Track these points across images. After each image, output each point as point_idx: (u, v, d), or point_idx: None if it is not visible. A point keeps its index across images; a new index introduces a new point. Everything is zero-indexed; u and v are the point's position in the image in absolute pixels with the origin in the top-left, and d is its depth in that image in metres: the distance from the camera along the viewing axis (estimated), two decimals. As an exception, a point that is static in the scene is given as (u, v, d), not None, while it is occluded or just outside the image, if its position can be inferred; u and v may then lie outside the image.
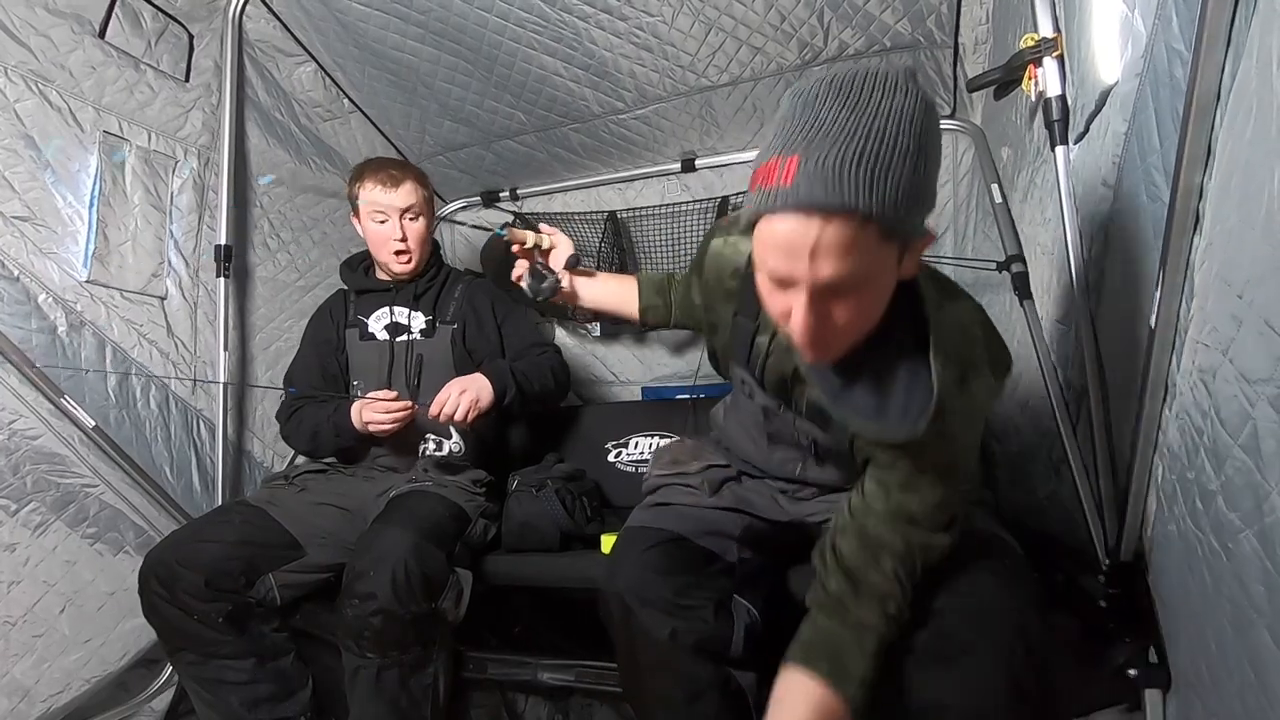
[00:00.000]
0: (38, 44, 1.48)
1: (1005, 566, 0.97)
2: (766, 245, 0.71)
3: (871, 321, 0.76)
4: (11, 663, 1.42)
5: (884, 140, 0.65)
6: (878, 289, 0.73)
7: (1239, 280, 0.64)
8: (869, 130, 0.65)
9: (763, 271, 0.74)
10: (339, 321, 1.82)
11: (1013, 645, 0.87)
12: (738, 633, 1.03)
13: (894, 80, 0.67)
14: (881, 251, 0.69)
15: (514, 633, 1.68)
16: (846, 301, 0.72)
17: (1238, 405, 0.65)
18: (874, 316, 0.76)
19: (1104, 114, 0.97)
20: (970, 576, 0.94)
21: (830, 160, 0.64)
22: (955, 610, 0.91)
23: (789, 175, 0.66)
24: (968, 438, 0.87)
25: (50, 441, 1.49)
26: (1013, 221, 1.58)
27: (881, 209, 0.65)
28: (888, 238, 0.68)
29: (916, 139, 0.66)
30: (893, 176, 0.65)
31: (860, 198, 0.64)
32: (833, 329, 0.73)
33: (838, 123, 0.65)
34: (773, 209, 0.67)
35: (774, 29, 1.73)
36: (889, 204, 0.65)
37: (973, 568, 0.94)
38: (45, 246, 1.51)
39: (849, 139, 0.64)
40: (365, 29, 1.85)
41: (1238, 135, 0.63)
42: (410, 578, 1.31)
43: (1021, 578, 0.96)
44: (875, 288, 0.73)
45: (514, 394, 1.62)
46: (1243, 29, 0.63)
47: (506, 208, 2.50)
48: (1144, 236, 0.88)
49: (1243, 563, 0.68)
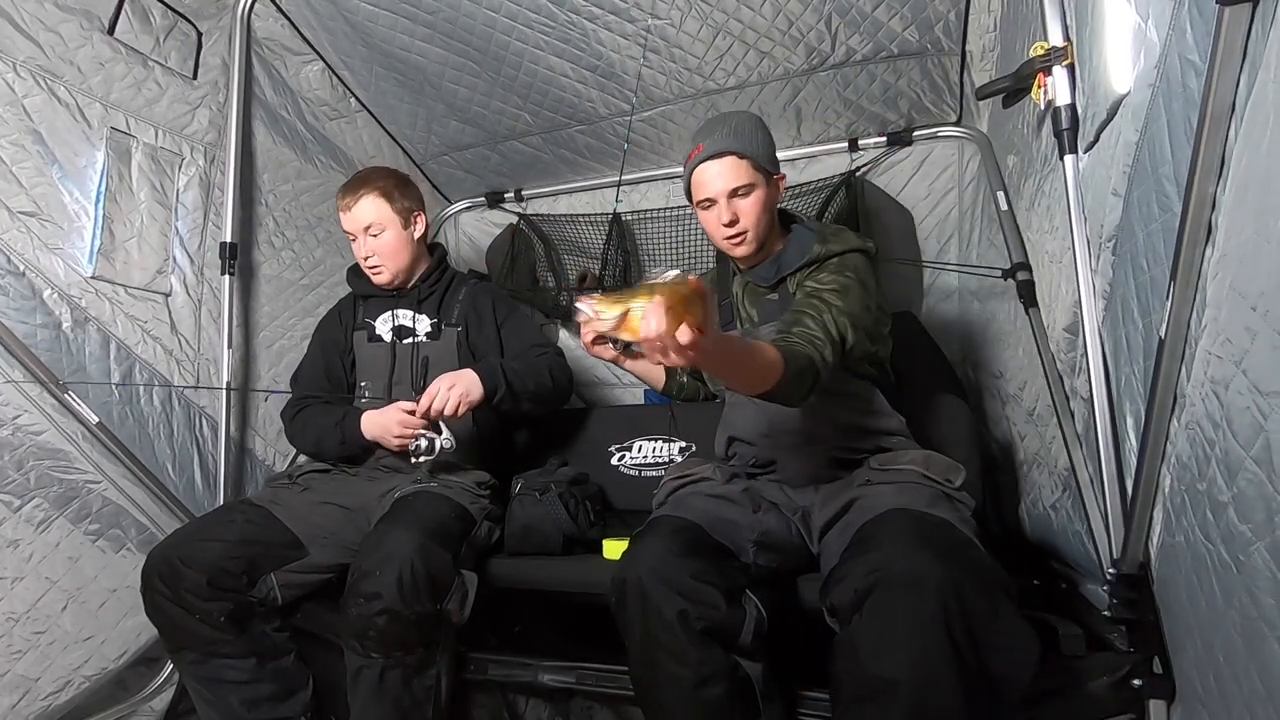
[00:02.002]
0: (46, 39, 1.48)
1: (952, 543, 1.01)
2: (696, 186, 1.34)
3: (764, 222, 1.33)
4: (15, 659, 1.42)
5: (741, 123, 1.33)
6: (760, 198, 1.32)
7: (1253, 292, 0.64)
8: (734, 121, 1.33)
9: (700, 208, 1.36)
10: (347, 324, 1.83)
11: (943, 603, 0.88)
12: (747, 624, 1.05)
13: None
14: (755, 174, 1.31)
15: (515, 634, 1.68)
16: (746, 201, 1.31)
17: (1250, 417, 0.65)
18: (765, 218, 1.33)
19: (1115, 123, 0.97)
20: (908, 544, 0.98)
21: (719, 134, 1.32)
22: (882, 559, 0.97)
23: (700, 149, 1.32)
24: (850, 289, 1.26)
25: (53, 437, 1.49)
26: (1018, 229, 1.58)
27: (745, 150, 1.30)
28: (754, 167, 1.30)
29: (757, 121, 1.35)
30: (748, 137, 1.31)
31: (735, 144, 1.30)
32: (744, 224, 1.32)
33: (718, 121, 1.35)
34: (695, 165, 1.33)
35: (781, 34, 1.73)
36: (749, 148, 1.30)
37: (918, 542, 0.98)
38: (51, 242, 1.51)
39: (725, 124, 1.33)
40: (373, 28, 1.85)
41: (1254, 147, 0.63)
42: (416, 578, 1.31)
43: (968, 557, 0.98)
44: (758, 196, 1.31)
45: (504, 392, 1.61)
46: (1259, 41, 0.63)
47: (511, 209, 2.50)
48: (1154, 246, 0.87)
49: (1254, 575, 0.68)
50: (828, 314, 1.20)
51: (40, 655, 1.45)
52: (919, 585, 0.89)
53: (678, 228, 2.25)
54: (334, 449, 1.69)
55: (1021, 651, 0.92)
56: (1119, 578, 1.05)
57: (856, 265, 1.30)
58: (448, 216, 2.59)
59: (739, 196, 1.30)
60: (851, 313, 1.22)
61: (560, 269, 2.39)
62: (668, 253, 2.27)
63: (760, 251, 1.37)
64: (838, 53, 1.76)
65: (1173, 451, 0.88)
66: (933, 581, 0.89)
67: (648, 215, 2.30)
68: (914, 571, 0.91)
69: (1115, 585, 1.06)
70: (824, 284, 1.26)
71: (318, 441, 1.70)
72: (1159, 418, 0.88)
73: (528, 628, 1.70)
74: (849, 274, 1.27)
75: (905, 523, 1.03)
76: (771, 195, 1.34)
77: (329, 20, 1.89)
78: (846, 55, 1.77)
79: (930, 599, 0.88)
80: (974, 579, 0.92)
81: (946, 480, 1.19)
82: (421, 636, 1.33)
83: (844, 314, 1.21)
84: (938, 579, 0.89)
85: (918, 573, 0.90)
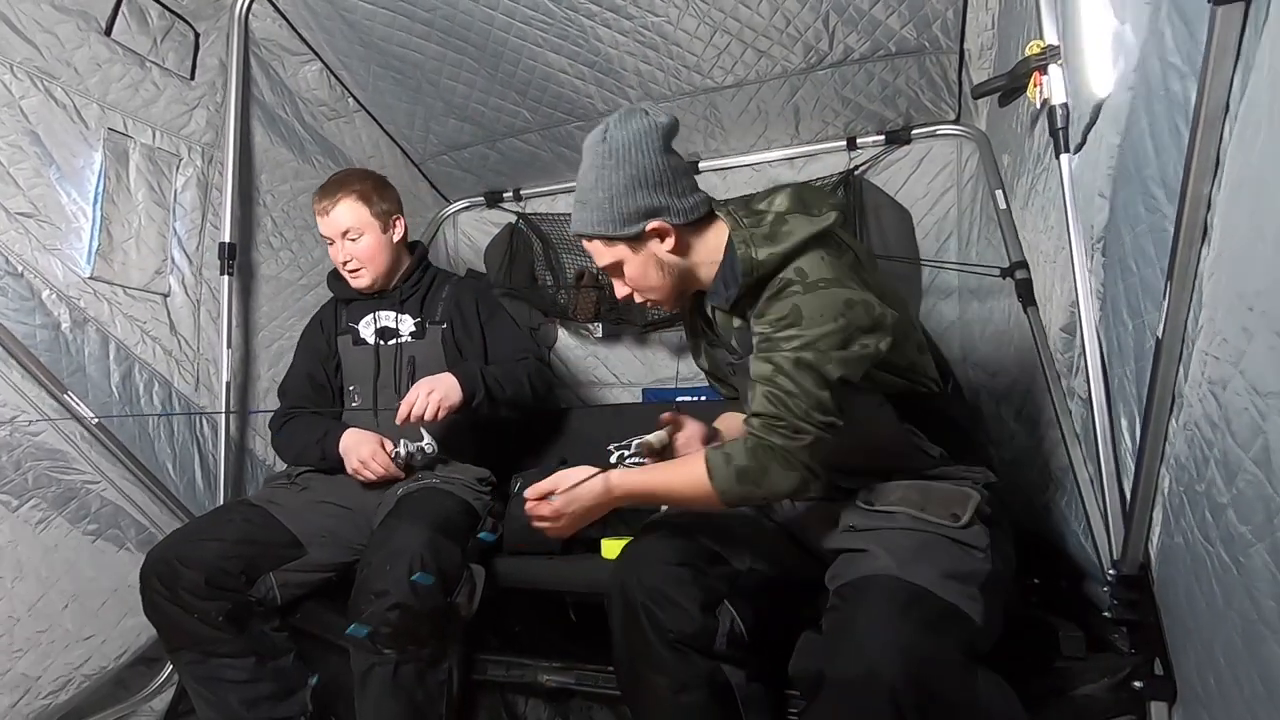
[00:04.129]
0: (43, 40, 1.47)
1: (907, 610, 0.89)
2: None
3: (651, 281, 1.13)
4: (15, 659, 1.42)
5: (585, 182, 1.11)
6: (633, 264, 1.12)
7: (1250, 292, 0.63)
8: (581, 183, 1.12)
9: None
10: (330, 330, 1.82)
11: (895, 705, 0.81)
12: (720, 636, 1.04)
13: (599, 131, 1.09)
14: (613, 248, 1.11)
15: (515, 634, 1.68)
16: (621, 274, 1.14)
17: (1249, 418, 0.65)
18: (647, 280, 1.13)
19: (1098, 126, 0.97)
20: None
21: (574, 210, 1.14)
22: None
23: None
24: (811, 328, 0.98)
25: (52, 437, 1.49)
26: (1016, 228, 1.57)
27: (592, 230, 1.10)
28: (609, 243, 1.11)
29: (597, 170, 1.08)
30: (590, 207, 1.09)
31: (578, 226, 1.13)
32: (632, 288, 1.15)
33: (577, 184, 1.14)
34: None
35: (779, 32, 1.72)
36: (594, 225, 1.10)
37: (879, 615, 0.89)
38: (49, 243, 1.51)
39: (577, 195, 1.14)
40: (371, 27, 1.85)
41: (1248, 148, 0.63)
42: (426, 571, 1.31)
43: (940, 639, 0.86)
44: (631, 264, 1.12)
45: (482, 397, 1.61)
46: (1253, 40, 0.62)
47: (510, 208, 2.49)
48: (1143, 248, 0.87)
49: (1254, 576, 0.68)
50: (781, 375, 0.97)
51: (40, 654, 1.46)
52: (869, 687, 0.81)
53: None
54: (313, 463, 1.69)
55: (1007, 710, 0.88)
56: (1119, 578, 1.05)
57: (807, 270, 1.00)
58: (446, 216, 2.59)
59: (615, 272, 1.15)
60: (817, 341, 0.97)
61: (559, 268, 2.39)
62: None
63: (679, 291, 1.16)
64: (836, 51, 1.76)
65: (1171, 452, 0.87)
66: (884, 683, 0.80)
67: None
68: (867, 672, 0.82)
69: (1116, 586, 1.06)
70: (774, 323, 1.00)
71: (298, 457, 1.71)
72: (1157, 418, 0.87)
73: (528, 628, 1.70)
74: (795, 290, 1.00)
75: (874, 598, 0.90)
76: (663, 250, 1.10)
77: (326, 20, 1.88)
78: (845, 53, 1.76)
79: (881, 704, 0.80)
80: (941, 668, 0.83)
81: (952, 516, 1.00)
82: (433, 630, 1.33)
83: (807, 347, 0.97)
84: (890, 680, 0.80)
85: (872, 671, 0.82)
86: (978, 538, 0.99)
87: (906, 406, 1.08)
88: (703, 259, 1.12)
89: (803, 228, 1.02)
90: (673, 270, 1.12)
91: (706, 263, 1.12)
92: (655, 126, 1.06)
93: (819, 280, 0.98)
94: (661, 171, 1.06)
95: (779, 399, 0.98)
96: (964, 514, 1.00)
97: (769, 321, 1.01)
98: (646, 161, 1.05)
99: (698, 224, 1.11)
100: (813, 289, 0.98)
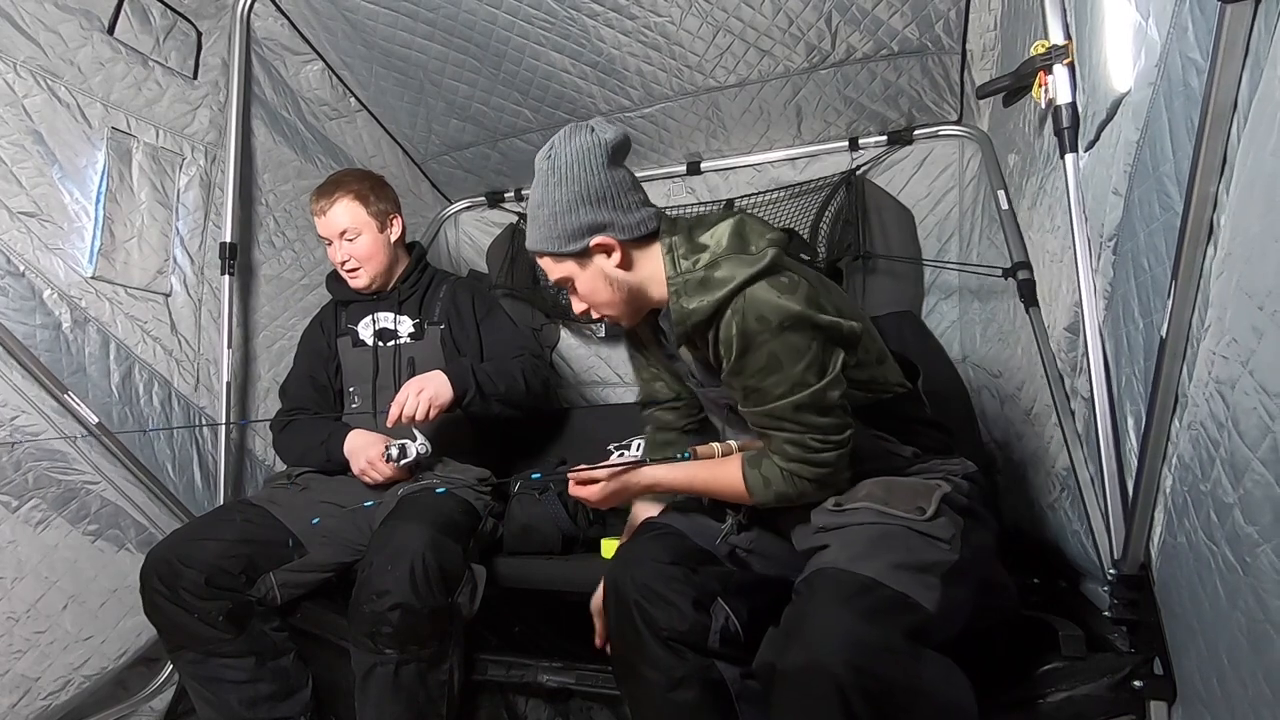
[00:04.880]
0: (46, 39, 1.47)
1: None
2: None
3: (602, 297, 1.13)
4: (15, 659, 1.42)
5: (532, 200, 1.10)
6: (582, 281, 1.12)
7: (1260, 291, 0.63)
8: (530, 201, 1.12)
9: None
10: (330, 332, 1.82)
11: (840, 696, 0.82)
12: (713, 632, 1.05)
13: (545, 148, 1.09)
14: (562, 264, 1.11)
15: (515, 634, 1.68)
16: (574, 288, 1.14)
17: (1257, 418, 0.65)
18: (597, 295, 1.13)
19: (1115, 122, 0.97)
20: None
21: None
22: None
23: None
24: (783, 368, 1.01)
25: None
26: (1019, 228, 1.57)
27: (539, 246, 1.11)
28: (557, 259, 1.11)
29: (543, 188, 1.08)
30: (537, 224, 1.10)
31: (528, 243, 1.14)
32: (586, 304, 1.15)
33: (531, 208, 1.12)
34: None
35: (781, 31, 1.72)
36: (540, 242, 1.10)
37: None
38: (51, 242, 1.51)
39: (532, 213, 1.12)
40: (373, 26, 1.85)
41: (1259, 145, 0.62)
42: (428, 571, 1.31)
43: (885, 628, 0.87)
44: (580, 281, 1.12)
45: (474, 394, 1.60)
46: (1263, 38, 0.62)
47: (511, 208, 2.49)
48: (1155, 246, 0.87)
49: (1260, 577, 0.67)
50: (786, 422, 1.02)
51: (40, 655, 1.45)
52: (815, 676, 0.84)
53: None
54: (319, 466, 1.69)
55: (953, 694, 0.88)
56: (1120, 578, 1.05)
57: (768, 315, 0.98)
58: (448, 216, 2.59)
59: (569, 287, 1.16)
60: (803, 377, 1.00)
61: (560, 268, 2.38)
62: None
63: (634, 308, 1.16)
64: (838, 51, 1.76)
65: (1174, 452, 0.87)
66: (828, 672, 0.83)
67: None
68: (811, 662, 0.85)
69: (1116, 586, 1.06)
70: (755, 374, 1.02)
71: (302, 458, 1.71)
72: (1160, 418, 0.87)
73: (528, 628, 1.70)
74: (764, 339, 0.99)
75: (821, 591, 0.93)
76: (613, 266, 1.10)
77: (329, 19, 1.88)
78: (847, 53, 1.76)
79: (827, 691, 0.83)
80: (882, 654, 0.84)
81: (918, 510, 1.01)
82: (435, 630, 1.33)
83: (797, 387, 1.00)
84: (832, 668, 0.83)
85: (815, 661, 0.84)
86: (943, 528, 1.00)
87: (873, 414, 1.10)
88: (653, 275, 1.11)
89: (738, 272, 1.01)
90: (622, 286, 1.11)
91: (658, 279, 1.10)
92: (599, 143, 1.06)
93: (783, 321, 0.98)
94: (605, 187, 1.06)
95: (795, 443, 1.03)
96: (929, 506, 1.01)
97: (750, 374, 1.02)
98: (590, 178, 1.06)
99: (647, 240, 1.11)
100: (780, 333, 0.99)
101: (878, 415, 1.11)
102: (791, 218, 2.09)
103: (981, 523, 1.08)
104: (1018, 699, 1.07)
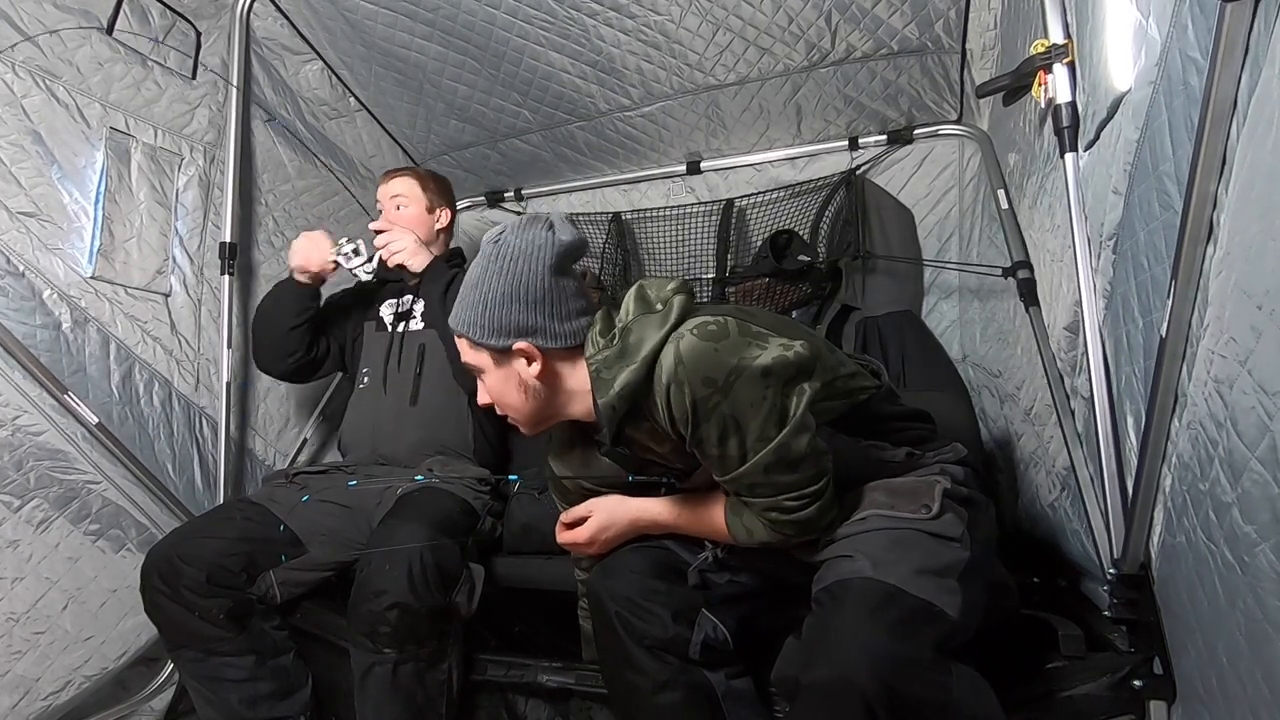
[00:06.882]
0: (45, 39, 1.47)
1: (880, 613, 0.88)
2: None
3: (510, 400, 1.05)
4: (14, 660, 1.42)
5: (469, 276, 1.03)
6: (494, 377, 1.04)
7: (1259, 291, 0.63)
8: (467, 276, 1.04)
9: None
10: (365, 309, 1.87)
11: (868, 709, 0.81)
12: (695, 642, 1.05)
13: (496, 230, 1.03)
14: (477, 353, 1.03)
15: (515, 634, 1.68)
16: (482, 379, 1.06)
17: (1256, 417, 0.65)
18: (505, 397, 1.05)
19: (1115, 121, 0.97)
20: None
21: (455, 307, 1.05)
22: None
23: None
24: (741, 436, 0.94)
25: (53, 438, 1.49)
26: (1019, 227, 1.57)
27: (460, 327, 1.03)
28: (474, 346, 1.03)
29: (482, 269, 1.01)
30: (465, 305, 1.02)
31: (450, 318, 1.05)
32: (491, 399, 1.07)
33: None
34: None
35: (781, 30, 1.72)
36: (463, 324, 1.02)
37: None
38: (50, 242, 1.51)
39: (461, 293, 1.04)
40: (373, 26, 1.85)
41: (1258, 145, 0.62)
42: (426, 570, 1.31)
43: (912, 639, 0.86)
44: (492, 376, 1.04)
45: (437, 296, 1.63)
46: (1262, 37, 0.62)
47: (511, 208, 2.49)
48: (1155, 245, 0.87)
49: (1259, 576, 0.67)
50: (760, 486, 0.96)
51: (40, 655, 1.46)
52: (842, 692, 0.82)
53: (677, 227, 2.24)
54: (289, 301, 1.74)
55: (982, 709, 0.88)
56: (1119, 578, 1.05)
57: (713, 375, 0.91)
58: (448, 215, 2.59)
59: (482, 379, 1.07)
60: (763, 431, 0.92)
61: (560, 268, 2.39)
62: (667, 252, 2.26)
63: (542, 417, 1.08)
64: (838, 49, 1.76)
65: (1174, 451, 0.87)
66: (856, 688, 0.81)
67: (647, 214, 2.29)
68: (839, 677, 0.82)
69: (1116, 585, 1.05)
70: (717, 444, 0.94)
71: (275, 304, 1.76)
72: (1160, 417, 0.87)
73: (527, 627, 1.70)
74: (715, 401, 0.91)
75: (848, 602, 0.90)
76: (529, 375, 1.02)
77: (328, 19, 1.88)
78: (847, 52, 1.76)
79: (854, 708, 0.81)
80: (912, 669, 0.83)
81: (924, 508, 0.98)
82: (433, 629, 1.33)
83: (759, 442, 0.93)
84: (861, 685, 0.81)
85: (843, 676, 0.82)
86: (951, 526, 0.98)
87: (855, 421, 1.05)
88: (576, 388, 1.03)
89: (651, 333, 0.95)
90: (537, 394, 1.03)
91: (581, 392, 1.02)
92: (551, 243, 0.99)
93: (729, 375, 0.90)
94: (545, 290, 0.99)
95: (771, 508, 0.98)
96: (933, 503, 0.98)
97: (711, 444, 0.94)
98: (531, 277, 0.98)
99: (576, 351, 1.02)
100: (729, 389, 0.91)
101: (859, 421, 1.05)
102: (791, 217, 2.09)
103: (982, 510, 1.06)
104: (1017, 699, 1.07)
